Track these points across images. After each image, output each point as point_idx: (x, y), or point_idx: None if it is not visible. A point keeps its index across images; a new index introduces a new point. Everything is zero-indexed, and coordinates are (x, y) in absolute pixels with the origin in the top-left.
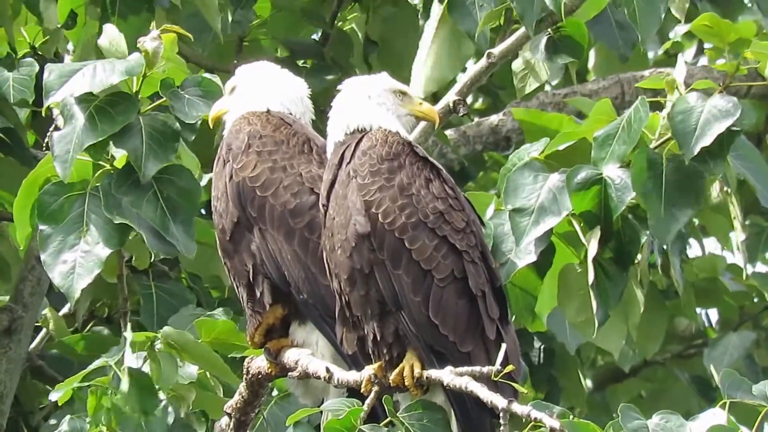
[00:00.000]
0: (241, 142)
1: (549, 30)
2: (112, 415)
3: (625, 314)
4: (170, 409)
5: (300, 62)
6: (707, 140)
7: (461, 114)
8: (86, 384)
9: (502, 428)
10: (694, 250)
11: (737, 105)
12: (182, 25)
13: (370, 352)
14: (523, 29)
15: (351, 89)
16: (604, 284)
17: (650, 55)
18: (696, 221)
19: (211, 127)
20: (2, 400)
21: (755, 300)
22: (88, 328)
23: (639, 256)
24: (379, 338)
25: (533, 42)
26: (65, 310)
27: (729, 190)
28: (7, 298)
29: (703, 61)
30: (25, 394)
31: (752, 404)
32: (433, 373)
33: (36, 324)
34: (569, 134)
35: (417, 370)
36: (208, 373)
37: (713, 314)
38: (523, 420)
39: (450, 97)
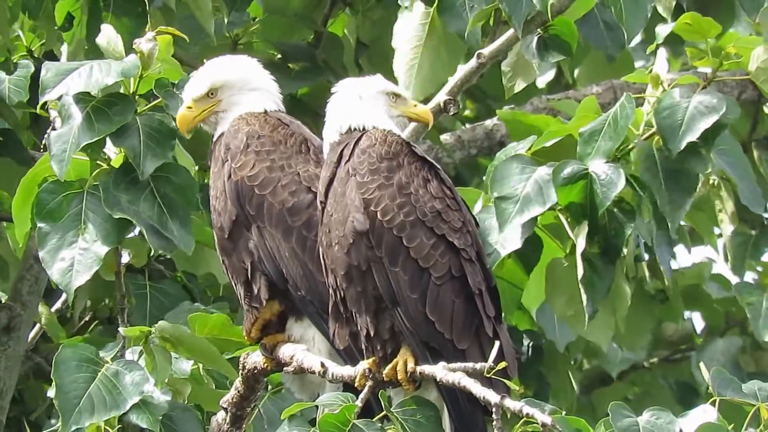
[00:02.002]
0: (240, 141)
1: (539, 30)
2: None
3: (613, 307)
4: (168, 396)
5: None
6: (693, 136)
7: (452, 113)
8: None
9: (494, 423)
10: (681, 259)
11: (722, 100)
12: (177, 28)
13: (363, 348)
14: (512, 29)
15: (344, 91)
16: (592, 278)
17: (638, 64)
18: (683, 223)
19: (183, 132)
20: (2, 397)
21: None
22: (90, 329)
23: (624, 251)
24: (373, 334)
25: (524, 42)
26: (57, 305)
27: (717, 182)
28: (6, 296)
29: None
30: (28, 392)
31: (740, 403)
32: (427, 368)
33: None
34: (556, 131)
35: (410, 365)
36: (200, 368)
37: (699, 322)
38: (510, 415)
39: (440, 97)
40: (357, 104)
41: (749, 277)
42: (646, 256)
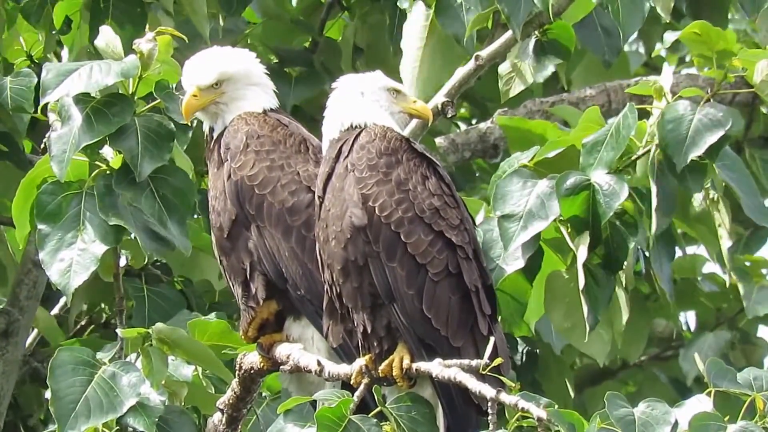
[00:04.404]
0: (239, 141)
1: (536, 33)
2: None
3: (609, 320)
4: (164, 397)
5: (288, 69)
6: (699, 150)
7: (449, 116)
8: None
9: (489, 418)
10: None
11: (728, 115)
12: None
13: (360, 345)
14: (510, 32)
15: (345, 87)
16: (593, 289)
17: (633, 65)
18: (680, 231)
19: (187, 119)
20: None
21: (731, 297)
22: (86, 332)
23: (625, 263)
24: (369, 331)
25: (522, 45)
26: (55, 310)
27: (715, 197)
28: (5, 301)
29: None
30: (25, 397)
31: (736, 394)
32: (422, 365)
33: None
34: (558, 141)
35: (406, 362)
36: (200, 373)
37: (690, 318)
38: (510, 409)
39: (438, 99)
40: (358, 101)
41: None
42: (644, 269)
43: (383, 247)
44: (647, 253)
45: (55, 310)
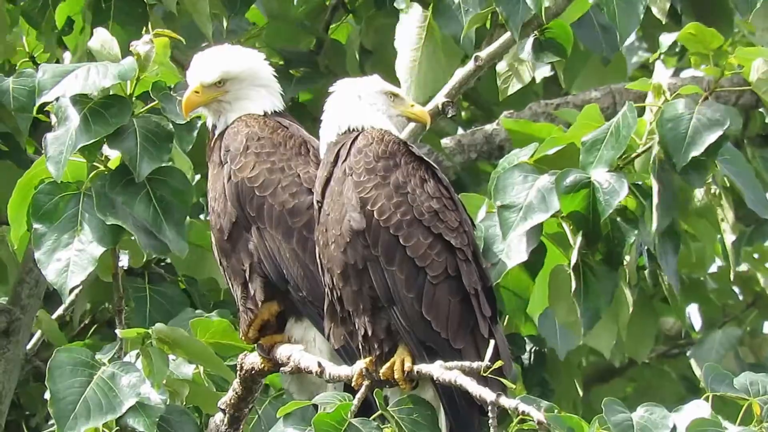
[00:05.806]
0: (240, 143)
1: (535, 33)
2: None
3: (615, 314)
4: (165, 397)
5: (292, 71)
6: (698, 150)
7: (449, 115)
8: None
9: (490, 421)
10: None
11: (726, 113)
12: (179, 34)
13: (360, 347)
14: (509, 32)
15: (342, 90)
16: (594, 285)
17: (632, 62)
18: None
19: (185, 115)
20: (1, 401)
21: (735, 290)
22: (90, 331)
23: (627, 258)
24: (370, 333)
25: (520, 44)
26: (59, 312)
27: (718, 192)
28: (6, 300)
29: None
30: (27, 396)
31: (733, 398)
32: (423, 367)
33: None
34: (557, 139)
35: (407, 364)
36: (202, 373)
37: (696, 317)
38: (511, 413)
39: (439, 99)
40: (355, 104)
41: (745, 266)
42: (648, 265)
43: (382, 251)
44: (652, 250)
45: (60, 310)
